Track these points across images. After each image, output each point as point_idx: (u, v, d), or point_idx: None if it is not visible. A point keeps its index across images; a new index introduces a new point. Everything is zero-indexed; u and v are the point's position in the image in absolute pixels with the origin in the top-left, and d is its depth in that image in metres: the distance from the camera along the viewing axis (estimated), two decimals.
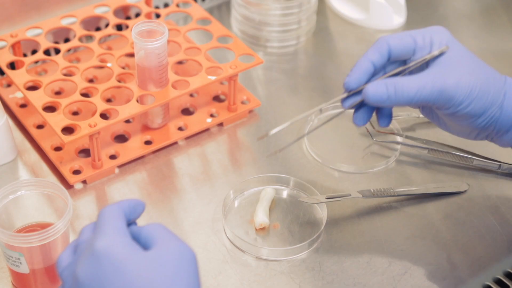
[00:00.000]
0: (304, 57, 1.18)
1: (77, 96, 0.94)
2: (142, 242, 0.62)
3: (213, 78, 0.97)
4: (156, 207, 0.92)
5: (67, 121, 0.91)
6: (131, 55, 1.00)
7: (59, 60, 0.99)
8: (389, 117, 0.83)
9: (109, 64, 0.99)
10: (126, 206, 0.64)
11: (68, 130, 0.95)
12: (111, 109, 0.93)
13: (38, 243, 0.76)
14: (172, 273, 0.59)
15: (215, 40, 1.03)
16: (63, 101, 0.93)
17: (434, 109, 0.81)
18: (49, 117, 0.91)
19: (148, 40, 0.91)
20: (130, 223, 0.65)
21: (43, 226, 0.80)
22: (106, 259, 0.59)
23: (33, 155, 0.98)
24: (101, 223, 0.62)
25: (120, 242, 0.60)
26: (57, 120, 0.90)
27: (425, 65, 0.79)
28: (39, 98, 0.93)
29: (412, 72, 0.79)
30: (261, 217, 0.88)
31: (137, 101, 0.94)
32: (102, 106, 0.93)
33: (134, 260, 0.59)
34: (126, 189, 0.94)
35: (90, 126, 0.90)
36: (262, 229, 0.89)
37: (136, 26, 0.92)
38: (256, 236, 0.88)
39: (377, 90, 0.76)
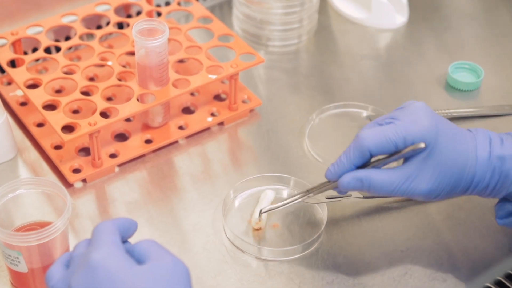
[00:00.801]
0: (305, 56, 1.17)
1: (77, 95, 0.94)
2: (136, 258, 0.63)
3: (213, 77, 0.96)
4: (156, 206, 0.92)
5: (67, 120, 0.90)
6: (132, 53, 1.00)
7: (60, 58, 0.98)
8: None
9: (109, 63, 0.99)
10: (120, 224, 0.65)
11: (68, 128, 0.95)
12: (112, 108, 0.93)
13: (36, 242, 0.75)
14: (166, 286, 0.60)
15: (216, 38, 1.03)
16: (63, 100, 0.93)
17: None
18: (49, 115, 0.91)
19: (149, 39, 0.91)
20: (123, 241, 0.66)
21: (42, 225, 0.79)
22: (101, 271, 0.60)
23: (33, 154, 0.98)
24: (96, 237, 0.63)
25: (115, 255, 0.61)
26: (57, 119, 0.90)
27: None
28: (39, 97, 0.93)
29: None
30: (257, 216, 0.88)
31: (138, 99, 0.94)
32: (102, 105, 0.92)
33: (129, 272, 0.60)
34: (126, 188, 0.94)
35: (90, 124, 0.89)
36: (258, 229, 0.88)
37: (137, 25, 0.92)
38: (255, 237, 0.88)
39: (350, 183, 0.79)
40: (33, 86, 0.98)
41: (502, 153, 0.79)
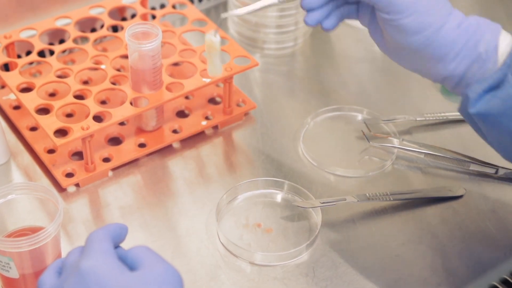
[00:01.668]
0: (301, 59, 1.17)
1: (70, 99, 0.93)
2: (128, 264, 0.62)
3: (207, 80, 0.96)
4: (150, 210, 0.91)
5: (59, 124, 0.90)
6: (126, 56, 0.99)
7: (53, 61, 0.98)
8: (337, 19, 0.82)
9: (103, 66, 0.98)
10: (112, 230, 0.65)
11: (62, 132, 0.95)
12: (105, 112, 0.92)
13: (27, 248, 0.75)
14: None
15: None
16: (56, 103, 0.92)
17: (376, 14, 0.79)
18: (41, 119, 0.90)
19: (142, 42, 0.90)
20: (116, 246, 0.65)
21: (34, 230, 0.79)
22: (93, 279, 0.59)
23: (26, 158, 0.97)
24: (88, 245, 0.63)
25: (106, 263, 0.61)
26: (49, 123, 0.90)
27: None
28: (32, 100, 0.92)
29: None
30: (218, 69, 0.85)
31: (131, 103, 0.93)
32: (95, 109, 0.92)
33: (121, 280, 0.59)
34: (119, 192, 0.94)
35: (82, 129, 0.89)
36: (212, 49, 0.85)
37: (130, 28, 0.91)
38: (250, 241, 0.88)
39: None
40: (27, 89, 0.97)
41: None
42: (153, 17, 1.08)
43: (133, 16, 1.14)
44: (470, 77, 0.78)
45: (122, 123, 1.00)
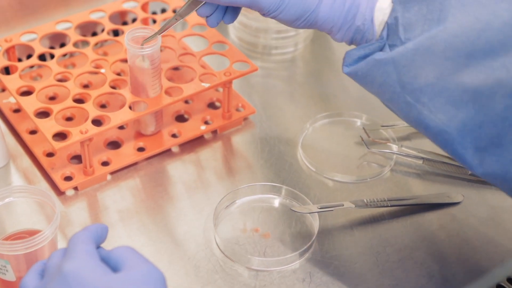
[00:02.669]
0: (301, 64, 1.17)
1: (69, 102, 0.93)
2: (111, 265, 0.62)
3: (206, 85, 0.96)
4: (148, 214, 0.92)
5: (58, 127, 0.90)
6: (127, 60, 1.00)
7: (53, 65, 0.98)
8: (233, 15, 0.86)
9: (102, 70, 0.98)
10: (94, 231, 0.65)
11: (61, 135, 0.95)
12: (104, 116, 0.93)
13: (23, 251, 0.75)
14: None
15: (210, 46, 1.02)
16: (55, 107, 0.93)
17: None
18: (40, 123, 0.90)
19: (141, 47, 0.90)
20: (98, 247, 0.65)
21: (32, 233, 0.79)
22: (75, 281, 0.59)
23: (26, 161, 0.97)
24: (71, 247, 0.63)
25: (89, 265, 0.61)
26: (48, 126, 0.90)
27: None
28: (31, 104, 0.93)
29: None
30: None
31: (130, 107, 0.94)
32: (94, 113, 0.92)
33: (103, 281, 0.60)
34: (118, 195, 0.94)
35: (81, 132, 0.89)
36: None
37: (130, 32, 0.91)
38: (247, 246, 0.88)
39: None
40: (27, 93, 0.98)
41: None
42: (154, 21, 1.08)
43: (134, 20, 1.14)
44: (358, 43, 0.83)
45: (121, 127, 1.00)
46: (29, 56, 1.09)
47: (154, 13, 1.17)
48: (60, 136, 0.94)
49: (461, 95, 0.73)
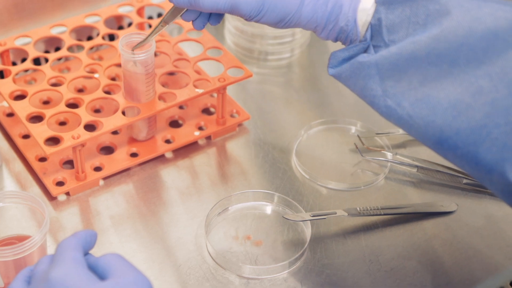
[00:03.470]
0: (298, 70, 1.16)
1: (62, 107, 0.93)
2: (99, 273, 0.62)
3: (200, 91, 0.96)
4: (141, 220, 0.91)
5: (50, 132, 0.90)
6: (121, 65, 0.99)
7: (46, 69, 0.98)
8: (218, 17, 0.86)
9: (96, 75, 0.98)
10: (83, 238, 0.65)
11: (54, 140, 0.95)
12: (97, 121, 0.92)
13: (12, 257, 0.75)
14: None
15: (205, 52, 1.02)
16: (48, 112, 0.92)
17: None
18: (33, 127, 0.90)
19: (135, 52, 0.90)
20: (86, 253, 0.65)
21: (21, 239, 0.79)
22: None
23: (18, 165, 0.97)
24: (58, 254, 0.62)
25: (76, 272, 0.60)
26: (40, 131, 0.90)
27: None
28: (23, 108, 0.92)
29: None
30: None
31: (123, 113, 0.93)
32: (86, 118, 0.92)
33: None
34: (111, 201, 0.93)
35: (73, 138, 0.89)
36: None
37: (124, 38, 0.91)
38: (238, 254, 0.87)
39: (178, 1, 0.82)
40: (20, 97, 0.97)
41: None
42: (150, 26, 1.08)
43: (129, 24, 1.14)
44: (343, 43, 0.83)
45: (114, 132, 1.00)
46: (23, 60, 1.08)
47: (150, 17, 1.17)
48: (53, 140, 0.94)
49: (440, 102, 0.72)
